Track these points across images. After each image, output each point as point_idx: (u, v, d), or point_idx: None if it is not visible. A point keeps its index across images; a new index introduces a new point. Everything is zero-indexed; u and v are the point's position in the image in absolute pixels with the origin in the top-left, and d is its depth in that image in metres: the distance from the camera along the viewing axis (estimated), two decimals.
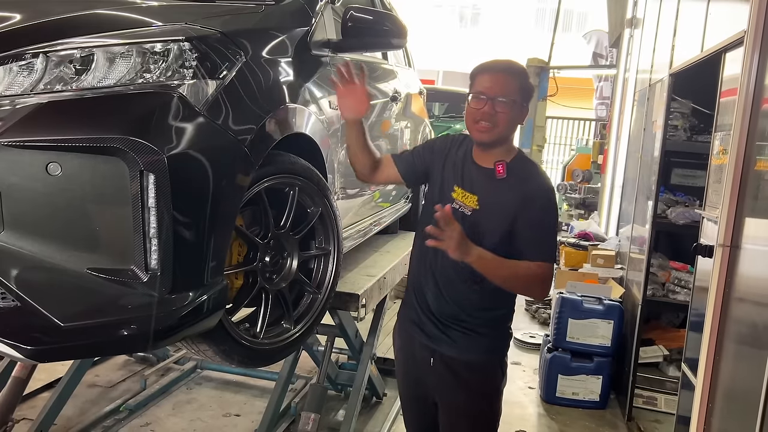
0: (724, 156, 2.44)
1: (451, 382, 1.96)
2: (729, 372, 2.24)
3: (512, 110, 1.85)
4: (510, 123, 1.86)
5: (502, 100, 1.82)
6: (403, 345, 2.10)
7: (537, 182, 1.88)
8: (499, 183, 1.86)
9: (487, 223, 1.85)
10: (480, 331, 1.94)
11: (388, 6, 3.39)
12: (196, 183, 1.51)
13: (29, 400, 3.45)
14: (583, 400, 3.95)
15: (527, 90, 1.90)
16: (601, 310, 3.95)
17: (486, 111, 1.83)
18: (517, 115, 1.87)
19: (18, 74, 1.40)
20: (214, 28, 1.68)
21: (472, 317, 1.92)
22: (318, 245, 2.16)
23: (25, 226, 1.36)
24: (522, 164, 1.91)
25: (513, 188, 1.85)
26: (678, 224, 3.78)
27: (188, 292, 1.51)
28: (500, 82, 1.84)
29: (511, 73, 1.88)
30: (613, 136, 6.75)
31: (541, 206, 1.84)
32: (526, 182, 1.86)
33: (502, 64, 1.90)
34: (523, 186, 1.85)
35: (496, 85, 1.84)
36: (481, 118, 1.84)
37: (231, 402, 3.77)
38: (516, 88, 1.85)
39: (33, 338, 1.40)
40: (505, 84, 1.84)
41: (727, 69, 2.62)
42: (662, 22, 4.42)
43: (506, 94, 1.83)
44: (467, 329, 1.93)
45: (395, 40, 2.36)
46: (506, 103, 1.83)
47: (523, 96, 1.87)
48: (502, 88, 1.83)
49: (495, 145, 1.88)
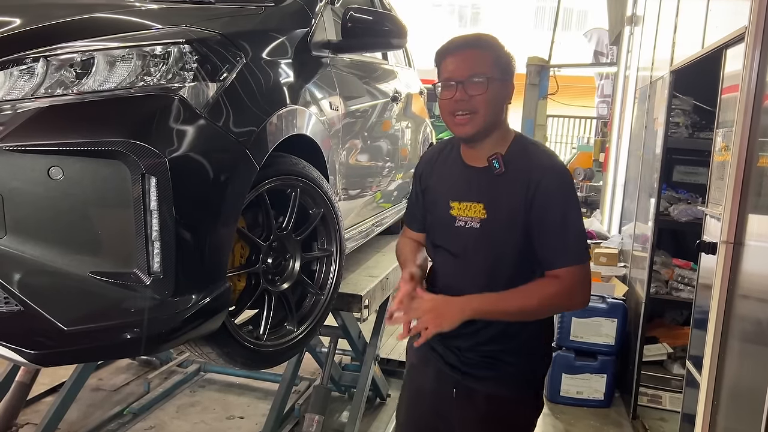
0: (726, 153, 2.43)
1: (477, 419, 1.66)
2: (734, 369, 2.23)
3: (491, 89, 1.53)
4: (492, 104, 1.54)
5: (475, 80, 1.52)
6: (420, 367, 1.80)
7: (538, 163, 1.56)
8: (500, 180, 1.57)
9: (502, 231, 1.56)
10: (508, 360, 1.64)
11: (388, 6, 3.39)
12: (198, 185, 1.51)
13: (33, 404, 3.45)
14: (588, 399, 3.94)
15: (505, 61, 1.57)
16: (605, 308, 3.94)
17: (458, 98, 1.54)
18: (498, 93, 1.55)
19: (19, 79, 1.40)
20: (214, 31, 1.68)
21: (497, 345, 1.63)
22: (320, 246, 2.15)
23: (28, 231, 1.36)
24: (521, 149, 1.60)
25: (514, 180, 1.55)
26: (681, 221, 3.77)
27: (191, 294, 1.51)
28: (468, 60, 1.55)
29: (479, 46, 1.57)
30: (614, 134, 6.74)
31: (546, 191, 1.52)
32: (527, 169, 1.55)
33: (465, 39, 1.59)
34: (524, 175, 1.54)
35: (463, 65, 1.54)
36: (457, 108, 1.54)
37: (235, 404, 3.77)
38: (489, 62, 1.54)
39: (36, 342, 1.40)
40: (474, 61, 1.54)
41: (728, 65, 2.61)
42: (662, 19, 4.41)
43: (478, 71, 1.53)
44: (493, 359, 1.64)
45: (395, 41, 2.35)
46: (481, 82, 1.52)
47: (501, 69, 1.56)
48: (471, 66, 1.53)
49: (483, 137, 1.58)
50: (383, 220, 3.27)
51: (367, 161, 2.81)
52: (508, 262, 1.58)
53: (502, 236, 1.57)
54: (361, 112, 2.66)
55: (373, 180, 2.96)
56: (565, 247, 1.54)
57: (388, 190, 3.21)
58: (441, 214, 1.68)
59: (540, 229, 1.54)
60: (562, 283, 1.53)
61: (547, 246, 1.54)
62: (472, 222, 1.60)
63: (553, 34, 7.79)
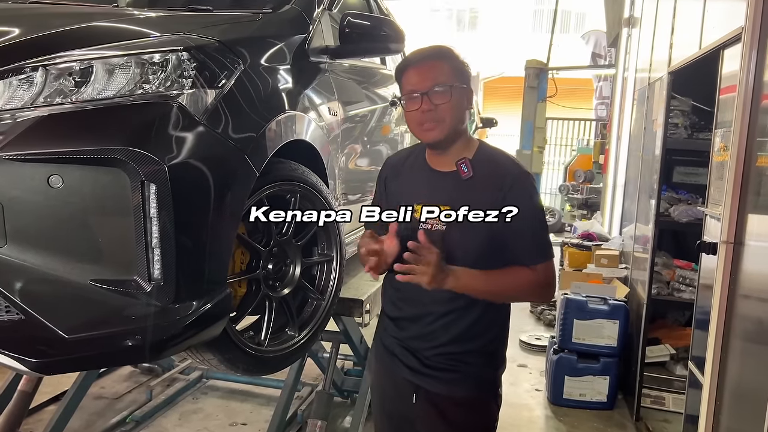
0: (725, 153, 2.43)
1: (438, 421, 1.70)
2: (736, 369, 2.23)
3: (454, 96, 1.61)
4: (456, 111, 1.62)
5: (437, 90, 1.60)
6: (383, 373, 1.83)
7: (507, 170, 1.64)
8: (467, 184, 1.63)
9: (469, 234, 1.61)
10: (468, 361, 1.68)
11: (386, 11, 3.40)
12: (198, 192, 1.51)
13: (35, 413, 3.44)
14: (591, 401, 3.93)
15: (461, 69, 1.65)
16: (607, 310, 3.94)
17: (425, 109, 1.61)
18: (460, 100, 1.64)
19: (18, 88, 1.41)
20: (212, 38, 1.68)
21: (458, 346, 1.67)
22: (320, 251, 2.16)
23: (28, 239, 1.36)
24: (486, 156, 1.67)
25: (483, 185, 1.61)
26: (681, 222, 3.77)
27: (192, 301, 1.51)
28: (428, 71, 1.63)
29: (437, 57, 1.65)
30: (613, 135, 6.75)
31: (518, 196, 1.60)
32: (494, 174, 1.63)
33: (422, 52, 1.68)
34: (492, 179, 1.62)
35: (425, 78, 1.62)
36: (423, 119, 1.62)
37: (237, 411, 3.76)
38: (449, 71, 1.63)
39: (38, 351, 1.40)
40: (435, 72, 1.62)
41: (725, 66, 2.61)
42: (660, 20, 4.42)
43: (440, 81, 1.61)
44: (453, 360, 1.68)
45: (393, 45, 2.36)
46: (444, 91, 1.60)
47: (459, 77, 1.64)
48: (432, 77, 1.61)
49: (450, 142, 1.65)
50: None
51: (366, 166, 2.82)
52: (474, 262, 1.61)
53: (470, 239, 1.61)
54: (360, 117, 2.66)
55: (372, 184, 2.96)
56: (536, 247, 1.63)
57: None
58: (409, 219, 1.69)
59: (512, 231, 1.59)
60: (537, 276, 1.62)
61: (521, 247, 1.62)
62: (439, 226, 1.64)
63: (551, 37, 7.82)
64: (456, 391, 1.69)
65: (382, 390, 1.87)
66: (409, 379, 1.73)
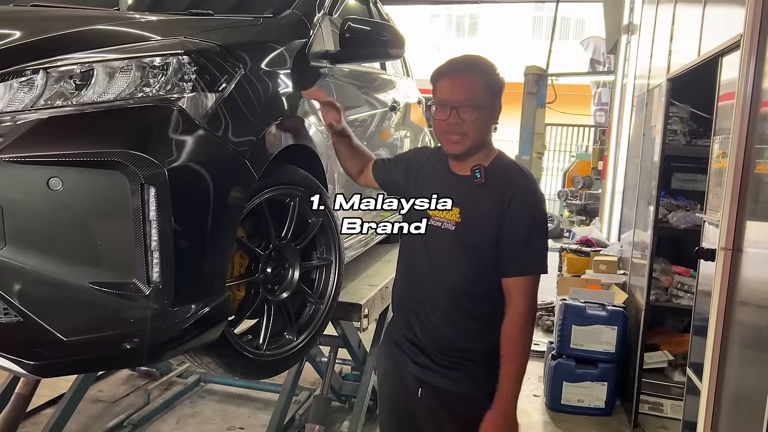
0: (723, 159, 2.44)
1: (443, 415, 1.75)
2: (734, 376, 2.23)
3: (481, 114, 1.65)
4: (481, 128, 1.67)
5: (467, 106, 1.64)
6: (391, 370, 1.89)
7: (514, 183, 1.68)
8: (479, 190, 1.68)
9: (473, 236, 1.68)
10: (473, 359, 1.73)
11: (386, 17, 3.41)
12: (197, 195, 1.51)
13: (33, 416, 3.44)
14: (589, 407, 3.93)
15: (495, 86, 1.69)
16: (605, 316, 3.94)
17: (452, 122, 1.65)
18: (488, 117, 1.69)
19: (18, 90, 1.41)
20: (212, 42, 1.69)
21: (465, 345, 1.73)
22: (319, 255, 2.16)
23: (27, 242, 1.36)
24: (502, 166, 1.73)
25: (493, 193, 1.67)
26: (679, 228, 3.78)
27: (190, 304, 1.51)
28: (462, 85, 1.66)
29: (473, 71, 1.68)
30: (612, 141, 6.76)
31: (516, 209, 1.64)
32: (504, 185, 1.67)
33: (461, 63, 1.70)
34: (501, 188, 1.66)
35: (457, 91, 1.65)
36: (449, 130, 1.67)
37: (235, 415, 3.76)
38: (481, 88, 1.66)
39: (36, 353, 1.39)
40: (468, 87, 1.65)
41: (724, 73, 2.62)
42: (659, 27, 4.44)
43: (471, 98, 1.64)
44: (459, 358, 1.74)
45: (393, 50, 2.37)
46: (472, 109, 1.64)
47: (490, 94, 1.67)
48: (465, 92, 1.64)
49: (471, 154, 1.71)
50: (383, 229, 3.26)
51: None
52: (476, 264, 1.68)
53: (473, 241, 1.68)
54: (359, 121, 2.67)
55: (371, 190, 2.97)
56: (526, 258, 1.66)
57: None
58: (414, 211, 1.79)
59: (504, 240, 1.65)
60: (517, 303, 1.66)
61: (506, 255, 1.66)
62: (448, 224, 1.72)
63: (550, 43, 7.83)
64: (461, 387, 1.74)
65: (389, 386, 1.92)
66: (416, 374, 1.79)
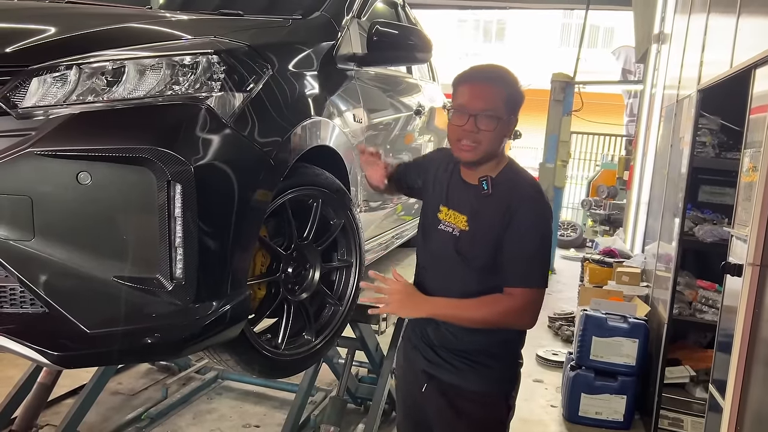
0: (754, 173, 2.39)
1: (448, 411, 1.77)
2: (759, 394, 2.18)
3: (497, 126, 1.63)
4: (496, 139, 1.65)
5: (485, 115, 1.61)
6: (406, 369, 1.93)
7: (520, 194, 1.66)
8: (486, 200, 1.68)
9: (477, 245, 1.67)
10: (482, 362, 1.73)
11: (413, 20, 3.41)
12: (222, 194, 1.53)
13: (53, 406, 3.49)
14: (607, 419, 3.87)
15: (515, 99, 1.67)
16: (626, 328, 3.88)
17: (467, 129, 1.63)
18: (503, 130, 1.66)
19: (52, 85, 1.44)
20: (241, 42, 1.70)
21: (474, 346, 1.73)
22: (340, 257, 2.16)
23: (55, 234, 1.39)
24: (509, 177, 1.70)
25: (498, 204, 1.66)
26: (705, 242, 3.70)
27: (212, 301, 1.53)
28: (482, 94, 1.63)
29: (495, 82, 1.66)
30: (639, 151, 6.68)
31: (520, 220, 1.63)
32: (509, 196, 1.66)
33: (484, 71, 1.68)
34: (506, 200, 1.65)
35: (478, 99, 1.63)
36: (463, 136, 1.64)
37: (251, 413, 3.77)
38: (501, 100, 1.63)
39: (60, 344, 1.42)
40: (488, 96, 1.63)
41: (757, 85, 2.57)
42: (690, 37, 4.37)
43: (489, 108, 1.62)
44: (468, 359, 1.74)
45: (420, 55, 2.37)
46: (490, 119, 1.62)
47: (509, 107, 1.65)
48: (485, 101, 1.62)
49: (479, 164, 1.70)
50: (403, 233, 3.26)
51: None
52: (481, 271, 1.68)
53: (479, 249, 1.68)
54: (384, 124, 2.67)
55: None
56: (522, 270, 1.65)
57: (409, 202, 3.22)
58: (429, 214, 1.81)
59: (506, 249, 1.65)
60: (516, 302, 1.65)
61: (509, 265, 1.65)
62: (455, 231, 1.72)
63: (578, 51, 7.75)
64: (464, 383, 1.75)
65: (403, 383, 1.96)
66: (425, 369, 1.81)
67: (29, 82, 1.43)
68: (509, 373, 1.80)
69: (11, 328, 1.41)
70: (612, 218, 8.40)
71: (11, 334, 1.41)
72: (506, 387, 1.80)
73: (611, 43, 16.36)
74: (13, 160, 1.35)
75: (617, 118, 11.44)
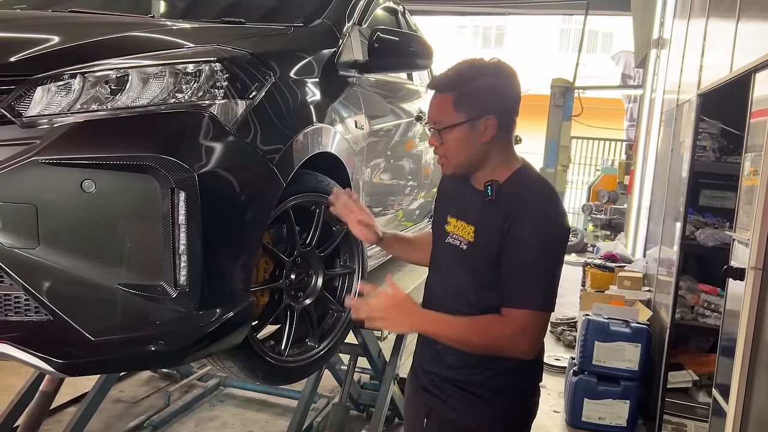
0: (754, 177, 2.40)
1: None
2: (762, 399, 2.18)
3: (461, 134, 1.50)
4: (459, 148, 1.52)
5: (440, 128, 1.52)
6: (410, 395, 1.79)
7: (524, 201, 1.48)
8: (490, 207, 1.51)
9: (483, 257, 1.51)
10: (482, 395, 1.55)
11: (414, 27, 3.43)
12: (225, 201, 1.54)
13: (56, 414, 3.49)
14: (610, 425, 3.87)
15: (473, 97, 1.49)
16: (628, 333, 3.88)
17: (433, 143, 1.56)
18: (464, 136, 1.50)
19: (56, 94, 1.45)
20: (244, 50, 1.71)
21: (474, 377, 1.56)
22: (343, 263, 2.17)
23: (60, 242, 1.39)
24: (520, 182, 1.54)
25: (500, 211, 1.49)
26: (707, 246, 3.71)
27: (215, 308, 1.53)
28: (434, 104, 1.55)
29: (442, 88, 1.54)
30: (639, 156, 6.68)
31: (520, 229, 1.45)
32: (511, 202, 1.48)
33: (436, 80, 1.58)
34: (508, 207, 1.48)
35: (432, 111, 1.55)
36: (435, 151, 1.57)
37: (253, 420, 3.77)
38: (449, 105, 1.51)
39: (64, 352, 1.42)
40: (437, 107, 1.54)
41: (757, 89, 2.58)
42: (690, 42, 4.39)
43: (440, 119, 1.52)
44: (468, 391, 1.57)
45: (421, 61, 2.38)
46: (446, 128, 1.51)
47: (468, 108, 1.49)
48: (435, 113, 1.54)
49: (469, 172, 1.57)
50: None
51: (390, 180, 2.83)
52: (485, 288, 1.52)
53: (483, 262, 1.51)
54: (385, 131, 2.68)
55: (396, 198, 2.98)
56: (521, 289, 1.46)
57: (410, 208, 3.22)
58: (438, 227, 1.69)
59: (503, 263, 1.48)
60: (510, 325, 1.46)
61: (506, 283, 1.48)
62: (462, 243, 1.57)
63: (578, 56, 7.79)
64: (462, 420, 1.57)
65: (407, 411, 1.84)
66: (425, 401, 1.67)
67: (33, 91, 1.44)
68: (517, 411, 1.60)
69: (16, 336, 1.41)
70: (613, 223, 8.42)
71: (16, 342, 1.41)
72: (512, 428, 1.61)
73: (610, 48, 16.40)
74: (18, 168, 1.36)
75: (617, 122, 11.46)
